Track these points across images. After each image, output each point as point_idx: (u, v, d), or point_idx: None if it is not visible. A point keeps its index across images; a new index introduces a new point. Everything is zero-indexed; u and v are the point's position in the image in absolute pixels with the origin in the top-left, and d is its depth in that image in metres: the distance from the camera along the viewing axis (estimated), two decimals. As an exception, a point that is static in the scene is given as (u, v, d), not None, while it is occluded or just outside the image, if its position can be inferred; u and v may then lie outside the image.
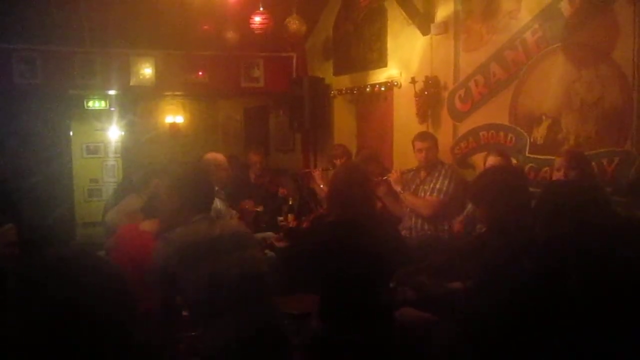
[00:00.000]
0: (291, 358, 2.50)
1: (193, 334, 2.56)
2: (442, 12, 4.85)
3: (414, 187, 4.45)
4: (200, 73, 6.58)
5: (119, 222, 3.99)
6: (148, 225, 3.13)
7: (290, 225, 4.84)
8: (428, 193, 4.32)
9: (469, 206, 4.03)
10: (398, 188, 4.37)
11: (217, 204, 3.77)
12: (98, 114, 8.11)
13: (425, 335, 2.78)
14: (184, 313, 2.83)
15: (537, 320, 1.70)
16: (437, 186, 4.29)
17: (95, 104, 7.94)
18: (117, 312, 1.13)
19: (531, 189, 3.62)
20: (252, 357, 2.23)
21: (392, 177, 4.40)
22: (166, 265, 2.28)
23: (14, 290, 1.08)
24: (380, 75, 5.70)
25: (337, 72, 6.43)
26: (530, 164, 4.10)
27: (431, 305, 3.00)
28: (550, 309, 1.69)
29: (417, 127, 4.99)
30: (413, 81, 5.04)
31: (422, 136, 4.48)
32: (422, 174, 4.45)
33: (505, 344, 1.76)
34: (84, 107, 7.88)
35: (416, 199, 4.35)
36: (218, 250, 2.33)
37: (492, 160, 3.93)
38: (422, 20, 4.96)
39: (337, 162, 5.22)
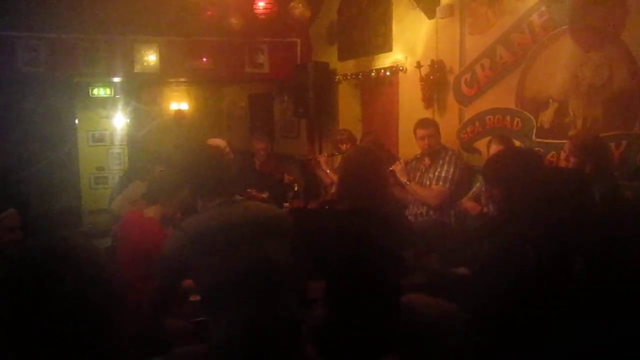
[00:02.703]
0: (301, 351, 2.45)
1: (200, 319, 2.57)
2: (448, -5, 4.80)
3: (418, 175, 4.41)
4: (204, 59, 6.56)
5: (123, 209, 4.01)
6: (152, 212, 3.13)
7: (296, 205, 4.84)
8: (434, 182, 4.27)
9: (475, 187, 4.01)
10: (404, 179, 4.28)
11: None
12: (103, 102, 8.10)
13: (433, 321, 2.77)
14: (192, 298, 2.84)
15: (544, 307, 1.69)
16: (443, 174, 4.23)
17: (100, 92, 7.94)
18: (98, 300, 1.13)
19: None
20: (259, 349, 2.21)
21: (397, 167, 4.31)
22: (179, 254, 2.19)
23: None
24: (386, 60, 5.66)
25: (342, 57, 6.39)
26: (537, 149, 4.06)
27: (439, 290, 2.99)
28: (556, 296, 1.69)
29: (422, 112, 4.95)
30: (418, 65, 4.99)
31: (424, 123, 4.42)
32: (426, 161, 4.40)
33: (513, 330, 1.75)
34: (88, 94, 7.88)
35: (423, 189, 4.28)
36: (235, 238, 2.22)
37: (495, 148, 3.89)
38: (428, 3, 4.90)
39: (343, 147, 5.20)
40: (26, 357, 1.05)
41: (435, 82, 4.89)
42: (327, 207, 4.49)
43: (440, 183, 4.22)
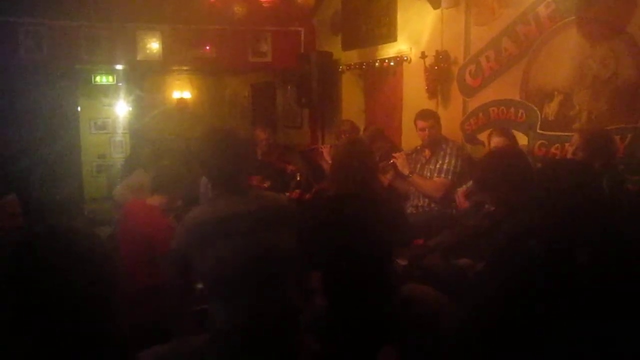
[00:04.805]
0: (300, 340, 2.46)
1: (204, 306, 2.57)
2: (453, -15, 4.75)
3: (419, 166, 4.38)
4: (207, 47, 6.52)
5: (126, 197, 4.01)
6: (155, 200, 3.13)
7: (294, 196, 4.84)
8: (435, 174, 4.23)
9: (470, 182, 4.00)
10: (406, 171, 4.26)
11: None
12: (105, 89, 8.07)
13: (431, 312, 2.78)
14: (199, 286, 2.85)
15: (550, 301, 1.68)
16: (445, 167, 4.20)
17: (102, 79, 7.90)
18: (100, 287, 1.13)
19: (540, 165, 3.60)
20: (258, 337, 2.22)
21: (399, 160, 4.30)
22: (180, 248, 2.25)
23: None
24: (390, 50, 5.62)
25: (346, 47, 6.35)
26: (541, 141, 4.04)
27: (439, 283, 2.99)
28: (559, 290, 1.68)
29: (426, 103, 4.93)
30: (423, 56, 4.96)
31: (424, 114, 4.37)
32: (427, 152, 4.37)
33: (514, 325, 1.75)
34: (91, 82, 7.85)
35: (425, 181, 4.25)
36: (233, 229, 2.23)
37: (496, 140, 3.87)
38: (433, -7, 4.87)
39: (345, 137, 5.17)
40: (28, 343, 1.05)
41: (440, 72, 4.86)
42: (319, 195, 4.50)
43: (442, 175, 4.20)
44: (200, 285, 2.63)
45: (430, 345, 2.52)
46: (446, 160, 4.22)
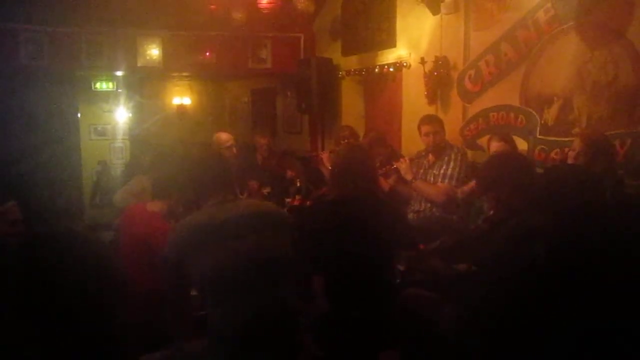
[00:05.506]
0: (299, 342, 2.46)
1: (202, 313, 2.57)
2: (453, -9, 4.77)
3: (422, 171, 4.36)
4: (207, 54, 6.54)
5: (126, 202, 4.01)
6: (156, 205, 3.13)
7: (295, 203, 4.84)
8: (439, 179, 4.21)
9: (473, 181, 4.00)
10: (409, 177, 4.23)
11: None
12: (105, 96, 8.09)
13: (431, 316, 2.77)
14: (193, 293, 2.85)
15: (547, 302, 1.68)
16: (449, 172, 4.17)
17: (102, 86, 7.93)
18: (102, 290, 1.13)
19: (540, 171, 3.61)
20: (257, 340, 2.22)
21: (402, 166, 4.27)
22: (172, 254, 2.29)
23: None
24: (389, 56, 5.64)
25: (346, 53, 6.37)
26: (541, 146, 4.05)
27: (439, 287, 2.99)
28: (560, 291, 1.68)
29: (426, 108, 4.94)
30: (422, 61, 4.98)
31: (428, 119, 4.34)
32: (431, 157, 4.35)
33: (512, 328, 1.75)
34: (91, 88, 7.88)
35: (429, 187, 4.22)
36: (227, 234, 2.27)
37: (495, 145, 3.86)
38: (432, -1, 4.88)
39: (345, 143, 5.17)
40: (29, 343, 1.05)
41: (439, 78, 4.87)
42: (319, 200, 4.51)
43: (446, 181, 4.17)
44: (194, 293, 2.64)
45: (430, 347, 2.52)
46: (450, 166, 4.19)
